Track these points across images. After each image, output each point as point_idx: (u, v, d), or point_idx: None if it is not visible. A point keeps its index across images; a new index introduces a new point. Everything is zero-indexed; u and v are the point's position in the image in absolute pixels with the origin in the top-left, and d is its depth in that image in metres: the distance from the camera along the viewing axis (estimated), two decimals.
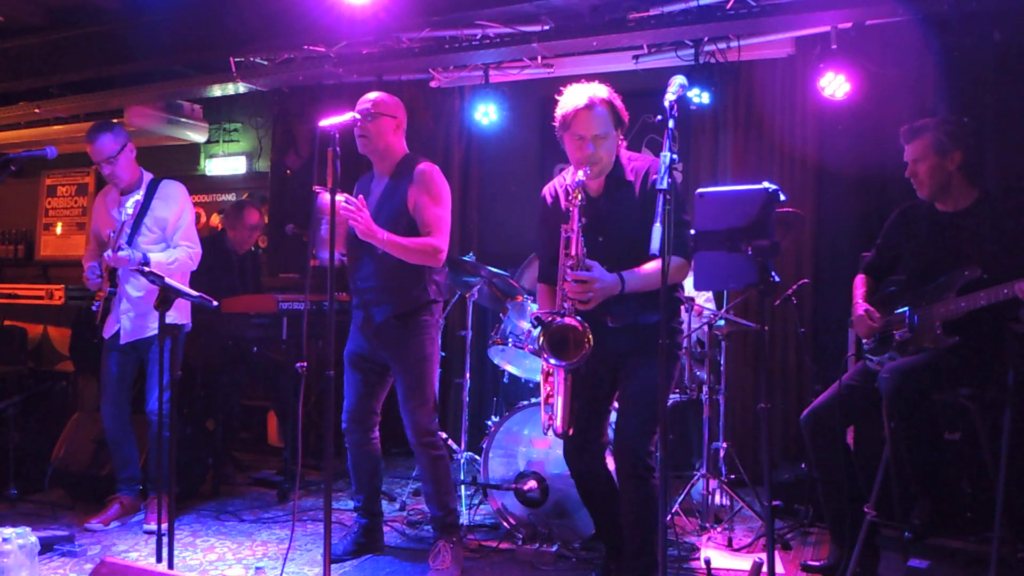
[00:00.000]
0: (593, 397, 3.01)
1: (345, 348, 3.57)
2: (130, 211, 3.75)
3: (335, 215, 2.83)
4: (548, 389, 2.88)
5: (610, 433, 3.24)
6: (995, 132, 4.12)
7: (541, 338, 2.78)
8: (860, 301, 3.33)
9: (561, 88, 2.98)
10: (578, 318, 2.75)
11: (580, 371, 2.84)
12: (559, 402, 2.83)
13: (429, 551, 3.45)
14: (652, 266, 2.81)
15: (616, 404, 3.08)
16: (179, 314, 3.93)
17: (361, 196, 3.26)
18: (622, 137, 2.98)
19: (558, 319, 2.77)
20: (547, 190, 3.14)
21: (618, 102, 2.91)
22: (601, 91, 2.89)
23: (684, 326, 3.38)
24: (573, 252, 2.81)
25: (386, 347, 3.42)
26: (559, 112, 2.91)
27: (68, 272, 6.74)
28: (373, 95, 3.44)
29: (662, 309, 2.32)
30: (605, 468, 3.07)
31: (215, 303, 3.19)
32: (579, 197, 2.82)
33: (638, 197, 2.90)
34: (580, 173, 2.84)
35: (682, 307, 3.20)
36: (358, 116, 3.28)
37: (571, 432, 2.86)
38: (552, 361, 2.78)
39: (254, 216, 5.25)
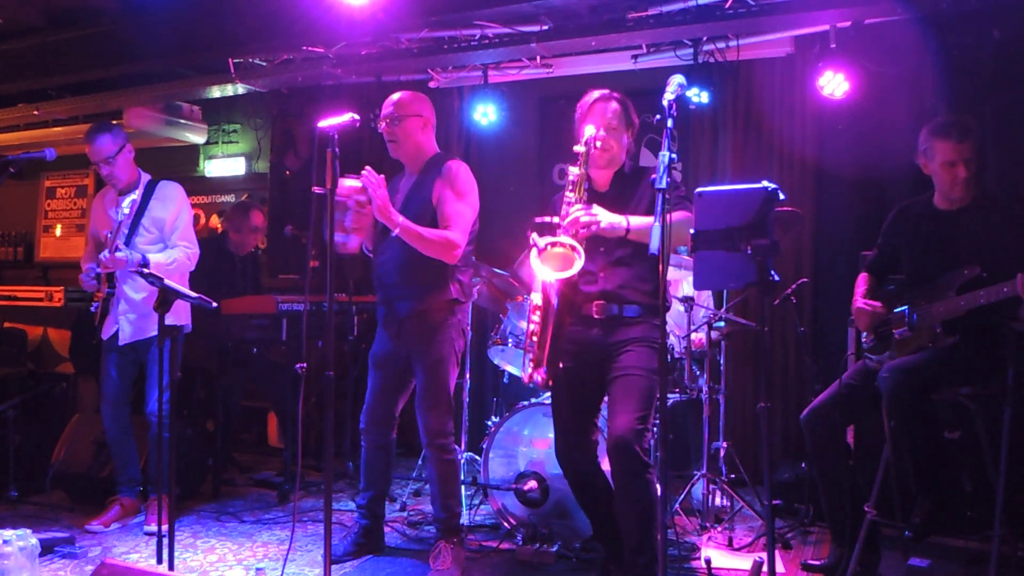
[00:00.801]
0: (581, 395, 3.02)
1: (372, 349, 3.57)
2: (126, 211, 3.75)
3: (332, 210, 2.84)
4: (533, 326, 2.81)
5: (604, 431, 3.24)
6: (994, 130, 4.12)
7: (535, 251, 2.76)
8: (859, 297, 3.33)
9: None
10: (570, 241, 2.78)
11: (566, 320, 2.81)
12: (546, 340, 2.78)
13: (430, 551, 3.45)
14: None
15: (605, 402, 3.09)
16: (178, 316, 3.92)
17: (383, 176, 3.23)
18: (632, 139, 3.10)
19: (551, 239, 2.78)
20: (558, 196, 3.16)
21: (631, 105, 3.10)
22: (616, 93, 3.10)
23: (671, 325, 3.43)
24: (578, 193, 2.89)
25: (407, 343, 3.42)
26: (580, 104, 3.09)
27: (68, 274, 6.73)
28: (396, 96, 3.41)
29: (661, 306, 2.32)
30: (598, 467, 3.07)
31: (214, 304, 3.19)
32: (590, 147, 2.92)
33: (640, 193, 2.98)
34: (591, 128, 2.94)
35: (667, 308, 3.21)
36: (357, 116, 3.28)
37: (551, 383, 2.81)
38: (541, 266, 2.75)
39: (258, 218, 5.25)
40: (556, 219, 2.84)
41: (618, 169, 3.05)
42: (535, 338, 2.82)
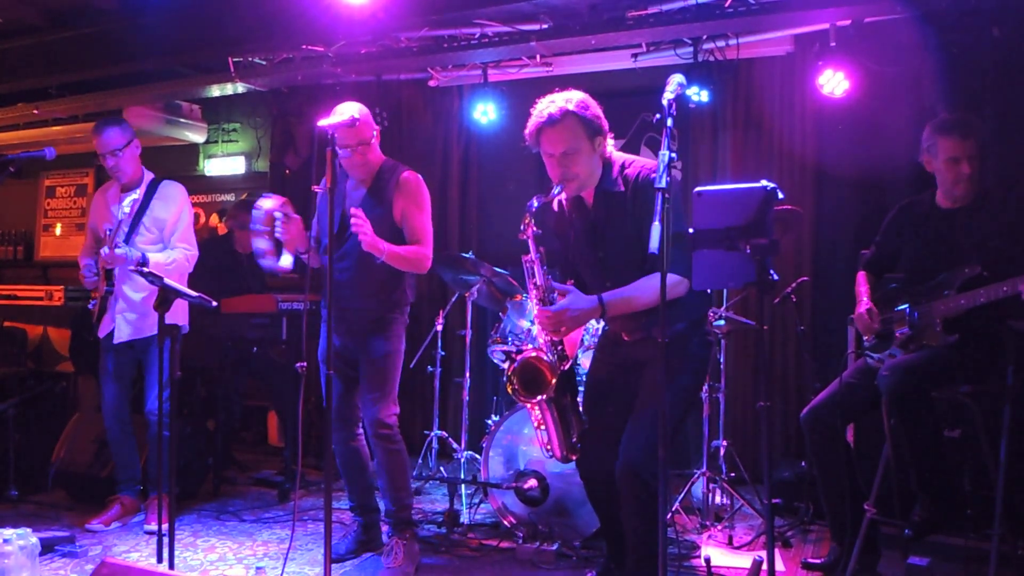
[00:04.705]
0: (613, 409, 2.91)
1: (319, 348, 3.57)
2: (127, 210, 3.76)
3: (333, 209, 2.84)
4: (536, 420, 2.87)
5: None
6: (994, 129, 4.11)
7: (511, 379, 2.77)
8: (865, 299, 3.32)
9: (559, 87, 2.83)
10: (547, 356, 2.75)
11: (565, 399, 2.82)
12: (550, 431, 2.83)
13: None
14: (637, 284, 2.67)
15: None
16: (176, 316, 3.91)
17: (361, 210, 3.26)
18: (612, 138, 2.81)
19: (521, 354, 2.77)
20: (553, 203, 3.01)
21: (590, 111, 2.68)
22: (570, 100, 2.67)
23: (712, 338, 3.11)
24: (539, 282, 2.74)
25: (355, 340, 3.46)
26: (526, 132, 2.73)
27: (68, 273, 6.73)
28: (355, 114, 3.28)
29: (662, 315, 2.29)
30: (614, 473, 3.03)
31: (214, 303, 3.19)
32: (532, 226, 2.71)
33: (629, 208, 2.74)
34: (534, 201, 2.71)
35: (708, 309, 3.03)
36: (357, 116, 3.28)
37: (572, 458, 2.84)
38: (523, 397, 2.78)
39: None
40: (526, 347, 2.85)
41: (598, 183, 2.79)
42: (540, 427, 2.85)
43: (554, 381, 2.73)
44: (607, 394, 2.92)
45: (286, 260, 3.38)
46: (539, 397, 2.77)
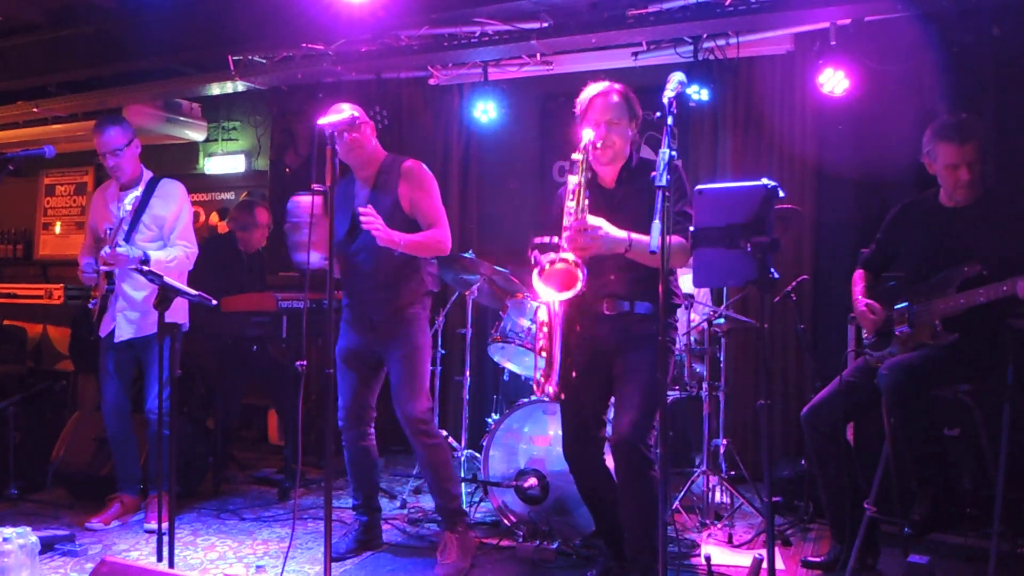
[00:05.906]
0: (589, 393, 3.01)
1: (337, 345, 3.57)
2: (129, 207, 3.76)
3: (332, 211, 2.84)
4: (543, 341, 2.86)
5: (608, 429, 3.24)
6: (994, 128, 4.12)
7: (536, 271, 2.79)
8: (860, 297, 3.33)
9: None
10: (573, 257, 2.77)
11: (575, 328, 2.84)
12: (553, 357, 2.82)
13: (437, 545, 3.45)
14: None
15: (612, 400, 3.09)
16: (175, 314, 3.91)
17: (371, 206, 3.27)
18: (636, 131, 3.05)
19: (553, 256, 2.79)
20: (562, 190, 3.12)
21: (634, 97, 3.04)
22: (617, 85, 3.05)
23: (679, 323, 3.43)
24: (581, 206, 2.82)
25: (382, 339, 3.45)
26: (578, 102, 3.03)
27: (67, 271, 6.73)
28: (349, 109, 3.33)
29: (660, 303, 2.31)
30: (604, 465, 3.07)
31: (214, 302, 3.19)
32: (587, 153, 2.88)
33: (650, 187, 2.90)
34: (590, 132, 2.92)
35: (679, 307, 3.24)
36: (356, 114, 3.29)
37: (563, 397, 2.85)
38: (543, 286, 2.76)
39: (263, 214, 5.26)
40: (556, 239, 2.83)
41: (624, 163, 3.02)
42: (544, 354, 2.86)
43: (583, 275, 2.71)
44: (583, 382, 2.95)
45: (315, 257, 3.37)
46: (573, 290, 2.73)
